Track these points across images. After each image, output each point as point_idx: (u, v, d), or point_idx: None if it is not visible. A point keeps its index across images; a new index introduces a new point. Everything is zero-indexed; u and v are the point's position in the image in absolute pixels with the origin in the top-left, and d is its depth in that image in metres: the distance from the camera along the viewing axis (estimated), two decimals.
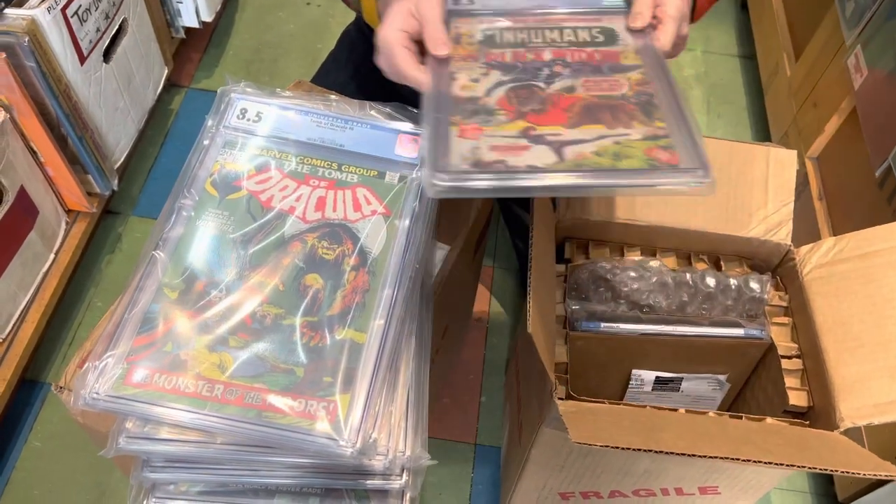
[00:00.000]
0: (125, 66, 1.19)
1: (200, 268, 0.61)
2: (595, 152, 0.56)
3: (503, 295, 1.30)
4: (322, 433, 0.54)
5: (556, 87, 0.63)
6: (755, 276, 0.80)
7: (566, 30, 0.70)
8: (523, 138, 0.58)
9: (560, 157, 0.56)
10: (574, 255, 0.83)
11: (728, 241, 0.81)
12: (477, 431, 1.15)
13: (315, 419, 0.54)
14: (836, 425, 0.69)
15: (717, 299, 0.81)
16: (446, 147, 0.57)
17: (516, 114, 0.61)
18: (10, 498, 1.05)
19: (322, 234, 0.63)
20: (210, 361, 0.56)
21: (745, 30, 1.74)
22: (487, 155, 0.56)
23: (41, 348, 1.14)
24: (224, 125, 0.71)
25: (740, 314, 0.80)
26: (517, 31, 0.70)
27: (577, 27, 0.70)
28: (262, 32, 1.65)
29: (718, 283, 0.80)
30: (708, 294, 0.81)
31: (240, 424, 0.54)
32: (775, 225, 0.80)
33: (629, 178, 0.55)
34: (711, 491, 0.81)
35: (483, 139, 0.58)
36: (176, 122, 1.48)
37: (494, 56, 0.67)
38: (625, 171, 0.55)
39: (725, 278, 0.80)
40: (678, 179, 0.55)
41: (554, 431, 0.73)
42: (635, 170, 0.55)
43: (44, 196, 1.07)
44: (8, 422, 1.09)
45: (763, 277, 0.80)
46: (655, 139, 0.57)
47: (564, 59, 0.66)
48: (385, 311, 0.60)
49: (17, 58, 0.93)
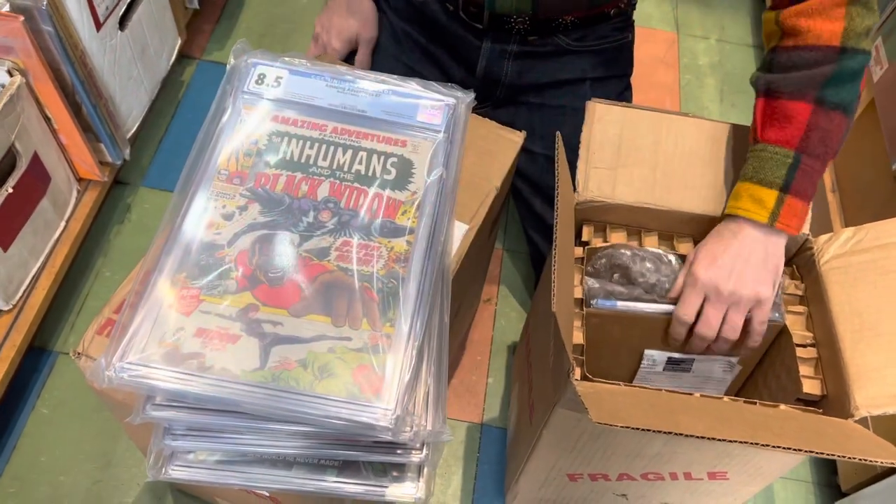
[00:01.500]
0: (140, 34, 1.18)
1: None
2: (301, 361, 0.54)
3: (512, 277, 1.30)
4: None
5: (310, 245, 0.60)
6: None
7: (361, 152, 0.66)
8: (239, 322, 0.56)
9: (262, 363, 0.54)
10: (592, 238, 0.83)
11: None
12: (483, 411, 1.15)
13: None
14: (850, 414, 0.69)
15: None
16: (151, 325, 0.55)
17: (249, 281, 0.58)
18: (17, 464, 1.05)
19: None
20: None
21: (761, 20, 1.73)
22: (188, 344, 0.54)
23: (49, 316, 1.14)
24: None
25: None
26: (307, 143, 0.66)
27: (374, 150, 0.66)
28: (274, 6, 1.63)
29: None
30: None
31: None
32: None
33: (307, 415, 0.53)
34: (720, 476, 0.81)
35: (195, 315, 0.55)
36: (187, 93, 1.47)
37: (265, 180, 0.63)
38: (311, 401, 0.53)
39: None
40: (364, 428, 0.53)
41: (568, 412, 0.73)
42: (323, 401, 0.53)
43: (56, 163, 1.07)
44: (16, 388, 1.09)
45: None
46: (374, 353, 0.56)
47: (337, 204, 0.63)
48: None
49: (35, 22, 0.92)
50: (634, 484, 0.86)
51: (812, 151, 0.72)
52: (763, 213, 0.73)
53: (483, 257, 1.06)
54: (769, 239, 0.74)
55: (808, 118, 0.72)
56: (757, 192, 0.74)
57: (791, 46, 0.74)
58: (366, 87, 0.71)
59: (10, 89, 0.93)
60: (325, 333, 0.56)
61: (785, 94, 0.73)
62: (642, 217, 0.82)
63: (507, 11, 0.95)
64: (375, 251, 0.61)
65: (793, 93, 0.73)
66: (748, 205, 0.74)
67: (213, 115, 0.68)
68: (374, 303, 0.58)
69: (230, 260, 0.59)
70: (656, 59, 1.65)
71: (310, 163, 0.65)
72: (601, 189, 0.80)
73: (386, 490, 0.60)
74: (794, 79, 0.73)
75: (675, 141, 0.83)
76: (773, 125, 0.74)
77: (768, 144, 0.74)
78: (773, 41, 0.77)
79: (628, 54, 1.09)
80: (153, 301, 0.57)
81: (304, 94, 0.69)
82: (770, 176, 0.73)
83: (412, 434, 0.55)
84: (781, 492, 1.12)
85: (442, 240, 0.64)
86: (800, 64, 0.73)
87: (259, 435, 0.57)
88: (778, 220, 0.73)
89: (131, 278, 0.71)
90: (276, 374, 0.53)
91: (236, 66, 0.71)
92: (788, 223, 0.73)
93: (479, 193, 0.79)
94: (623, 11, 1.03)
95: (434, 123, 0.70)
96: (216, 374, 0.53)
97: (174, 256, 0.59)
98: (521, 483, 0.94)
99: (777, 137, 0.73)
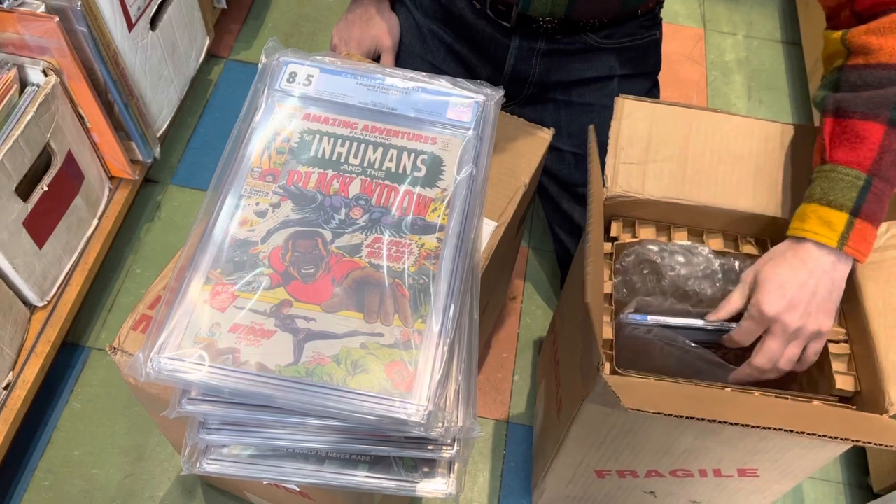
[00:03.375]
0: (170, 34, 1.20)
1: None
2: (335, 357, 0.55)
3: (537, 275, 1.30)
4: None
5: (342, 242, 0.61)
6: None
7: (392, 149, 0.67)
8: (273, 318, 0.56)
9: (296, 359, 0.55)
10: (621, 234, 0.83)
11: (777, 224, 0.80)
12: (509, 409, 1.16)
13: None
14: (885, 410, 0.68)
15: None
16: (187, 321, 0.56)
17: (283, 278, 0.59)
18: (51, 457, 1.07)
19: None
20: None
21: (790, 16, 1.71)
22: (224, 340, 0.55)
23: (82, 312, 1.16)
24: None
25: None
26: (339, 141, 0.67)
27: (404, 148, 0.67)
28: (300, 5, 1.64)
29: None
30: None
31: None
32: None
33: (341, 411, 0.54)
34: (750, 473, 0.81)
35: (230, 311, 0.56)
36: (215, 92, 1.48)
37: (297, 177, 0.64)
38: (344, 396, 0.54)
39: None
40: (396, 424, 0.54)
41: (597, 407, 0.73)
42: (357, 396, 0.54)
43: (89, 161, 1.08)
44: (49, 384, 1.11)
45: None
46: (406, 349, 0.56)
47: (368, 200, 0.63)
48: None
49: (69, 22, 0.94)
50: (663, 481, 0.86)
51: (884, 174, 0.70)
52: (833, 236, 0.70)
53: (510, 255, 1.06)
54: (836, 267, 0.71)
55: (881, 139, 0.69)
56: (826, 214, 0.71)
57: (862, 65, 0.71)
58: (396, 84, 0.71)
59: (45, 89, 0.95)
60: (357, 329, 0.56)
61: (857, 113, 0.71)
62: (671, 212, 0.82)
63: (540, 14, 0.95)
64: (406, 248, 0.61)
65: (865, 112, 0.70)
66: (816, 227, 0.71)
67: (246, 114, 0.69)
68: (406, 299, 0.58)
69: (264, 257, 0.59)
70: (683, 55, 1.64)
71: (341, 160, 0.66)
72: (630, 184, 0.80)
73: (417, 485, 0.61)
74: (865, 98, 0.70)
75: (704, 137, 0.82)
76: (844, 145, 0.71)
77: (838, 165, 0.71)
78: (838, 60, 0.74)
79: (656, 52, 1.09)
80: (189, 297, 0.58)
81: (335, 92, 0.70)
82: (840, 198, 0.70)
83: (443, 430, 0.56)
84: (811, 492, 1.11)
85: (472, 237, 0.64)
86: (872, 83, 0.70)
87: (292, 430, 0.58)
88: (847, 245, 0.70)
89: (165, 275, 0.72)
90: (310, 370, 0.54)
91: (268, 64, 0.71)
92: (857, 248, 0.71)
93: (507, 191, 0.79)
94: (651, 9, 1.02)
95: (464, 121, 0.70)
96: (251, 369, 0.54)
97: (209, 253, 0.60)
98: (548, 480, 0.94)
99: (848, 158, 0.71)
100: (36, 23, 0.90)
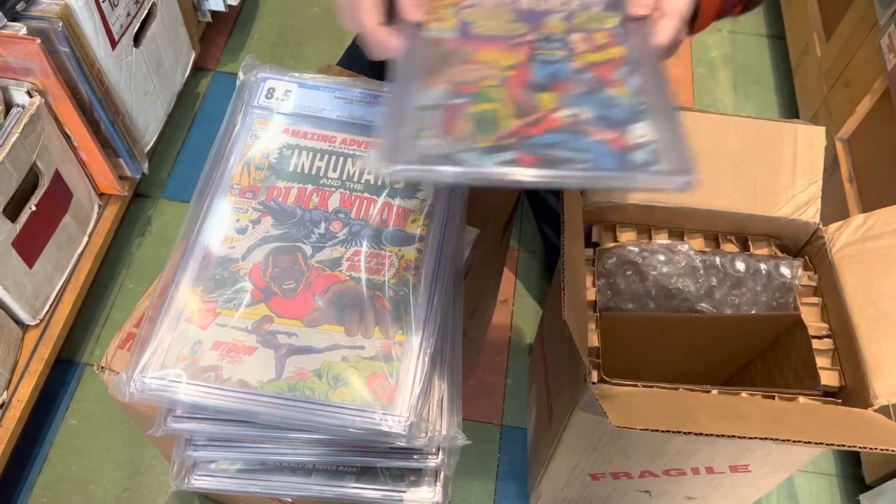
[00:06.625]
0: (154, 50, 1.20)
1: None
2: (316, 371, 0.55)
3: (528, 278, 1.30)
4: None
5: (322, 256, 0.61)
6: (786, 261, 0.80)
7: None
8: (254, 334, 0.57)
9: (278, 374, 0.55)
10: (602, 239, 0.84)
11: (755, 221, 0.81)
12: (503, 412, 1.16)
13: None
14: (870, 403, 0.69)
15: (747, 284, 0.81)
16: (169, 339, 0.57)
17: (263, 294, 0.59)
18: (48, 474, 1.07)
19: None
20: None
21: (773, 10, 1.72)
22: (206, 357, 0.56)
23: (75, 329, 1.16)
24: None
25: (769, 301, 0.80)
26: (317, 155, 0.67)
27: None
28: (286, 16, 1.65)
29: (748, 268, 0.80)
30: (737, 279, 0.80)
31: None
32: (803, 203, 0.79)
33: (323, 425, 0.55)
34: (742, 469, 0.81)
35: (212, 329, 0.57)
36: (203, 105, 1.49)
37: (276, 193, 0.64)
38: (326, 410, 0.55)
39: (755, 262, 0.80)
40: (379, 436, 0.55)
41: (587, 415, 0.73)
42: (339, 410, 0.55)
43: (77, 180, 1.09)
44: (45, 401, 1.11)
45: (794, 262, 0.79)
46: (387, 360, 0.56)
47: (348, 213, 0.63)
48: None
49: (52, 43, 0.95)
50: (657, 480, 0.86)
51: None
52: None
53: (497, 260, 1.06)
54: None
55: None
56: None
57: None
58: (373, 96, 0.72)
59: (30, 110, 0.95)
60: (338, 343, 0.57)
61: None
62: (651, 215, 0.82)
63: None
64: (386, 260, 0.62)
65: None
66: None
67: (225, 131, 0.69)
68: (386, 311, 0.59)
69: (245, 273, 0.60)
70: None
71: (320, 174, 0.66)
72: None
73: (404, 495, 0.61)
74: None
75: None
76: None
77: None
78: None
79: None
80: (171, 315, 0.58)
81: (312, 106, 0.70)
82: None
83: (427, 440, 0.56)
84: (805, 485, 1.11)
85: (453, 245, 0.65)
86: None
87: (278, 444, 0.59)
88: None
89: (150, 293, 0.72)
90: (293, 385, 0.55)
91: (246, 80, 0.72)
92: None
93: (489, 197, 0.79)
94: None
95: None
96: (234, 385, 0.54)
97: (190, 271, 0.60)
98: (544, 484, 0.95)
99: None
100: (18, 45, 0.91)
